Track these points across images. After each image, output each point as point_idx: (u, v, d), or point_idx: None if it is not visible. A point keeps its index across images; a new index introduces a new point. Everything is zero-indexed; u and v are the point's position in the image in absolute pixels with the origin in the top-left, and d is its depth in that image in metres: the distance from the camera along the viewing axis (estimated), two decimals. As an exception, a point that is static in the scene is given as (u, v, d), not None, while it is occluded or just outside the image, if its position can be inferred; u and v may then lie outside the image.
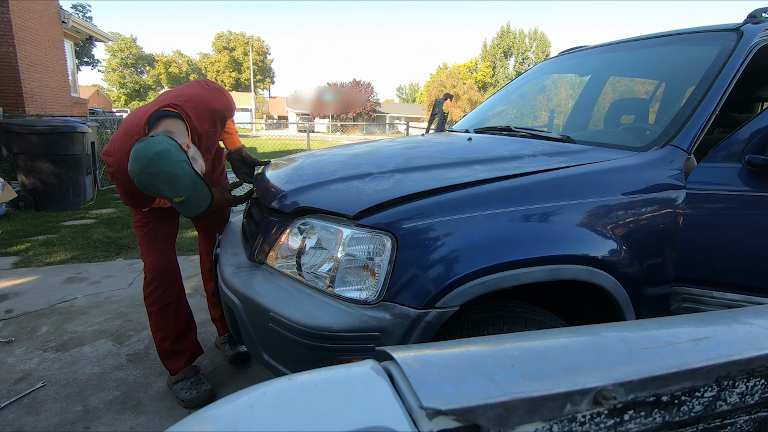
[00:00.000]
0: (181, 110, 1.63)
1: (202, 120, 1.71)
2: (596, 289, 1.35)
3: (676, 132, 1.46)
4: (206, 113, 1.73)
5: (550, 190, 1.29)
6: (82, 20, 11.15)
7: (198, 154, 1.61)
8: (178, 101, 1.64)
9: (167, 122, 1.58)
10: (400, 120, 42.92)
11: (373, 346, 1.14)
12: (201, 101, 1.71)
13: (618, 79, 2.43)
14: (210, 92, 1.77)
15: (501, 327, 1.22)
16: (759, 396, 0.53)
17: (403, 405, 0.41)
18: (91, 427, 1.74)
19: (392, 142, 2.10)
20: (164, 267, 1.87)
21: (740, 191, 1.41)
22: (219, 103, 1.78)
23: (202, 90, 1.76)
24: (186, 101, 1.66)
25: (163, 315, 1.88)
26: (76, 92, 11.58)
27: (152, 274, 1.85)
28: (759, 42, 1.57)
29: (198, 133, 1.72)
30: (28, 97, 7.98)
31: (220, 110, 1.80)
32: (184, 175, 1.43)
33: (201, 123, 1.71)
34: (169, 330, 1.89)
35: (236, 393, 0.45)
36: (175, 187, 1.42)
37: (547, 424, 0.43)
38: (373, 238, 1.19)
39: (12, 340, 2.34)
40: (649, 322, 0.60)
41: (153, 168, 1.37)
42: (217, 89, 1.81)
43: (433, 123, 4.01)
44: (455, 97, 36.44)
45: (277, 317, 1.21)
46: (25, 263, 3.51)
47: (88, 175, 5.86)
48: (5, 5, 7.45)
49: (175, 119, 1.61)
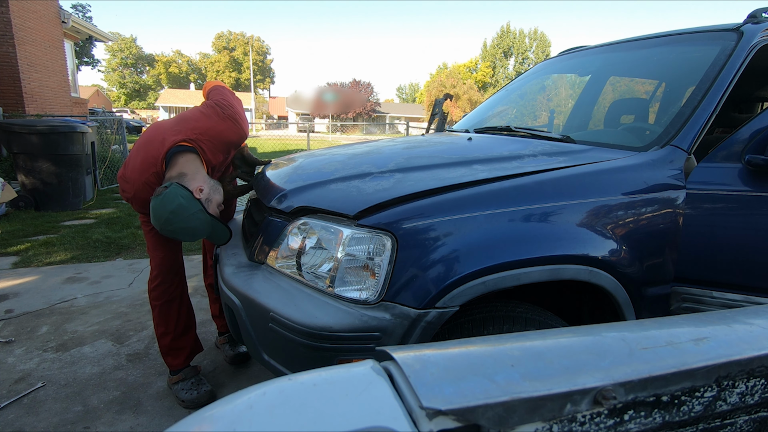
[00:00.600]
0: (197, 145, 1.68)
1: (216, 153, 1.76)
2: (596, 289, 1.35)
3: (676, 132, 1.46)
4: (221, 146, 1.77)
5: (550, 190, 1.29)
6: (82, 20, 11.15)
7: (213, 189, 1.67)
8: (194, 135, 1.68)
9: (183, 160, 1.63)
10: (400, 120, 42.93)
11: (373, 346, 1.14)
12: (216, 134, 1.74)
13: (618, 79, 2.43)
14: (225, 123, 1.76)
15: (501, 327, 1.22)
16: (759, 396, 0.53)
17: (403, 405, 0.41)
18: (91, 427, 1.74)
19: (392, 142, 2.10)
20: (171, 263, 1.90)
21: (740, 191, 1.41)
22: (234, 134, 1.80)
23: (218, 120, 1.75)
24: (201, 134, 1.70)
25: (167, 310, 1.90)
26: (76, 92, 11.57)
27: (158, 270, 1.88)
28: (759, 42, 1.57)
29: (212, 165, 1.77)
30: (28, 97, 7.98)
31: (235, 141, 1.83)
32: (200, 225, 1.56)
33: (215, 156, 1.76)
34: (170, 326, 1.91)
35: (236, 393, 0.45)
36: (195, 234, 1.58)
37: (547, 424, 0.43)
38: (373, 238, 1.19)
39: (12, 340, 2.34)
40: (649, 322, 0.60)
41: (171, 226, 1.52)
42: (232, 119, 1.79)
43: (433, 123, 4.01)
44: (455, 97, 36.45)
45: (277, 317, 1.21)
46: (25, 263, 3.51)
47: (88, 175, 5.86)
48: (5, 5, 7.45)
49: (190, 155, 1.66)
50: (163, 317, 1.90)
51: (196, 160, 1.67)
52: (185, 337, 1.96)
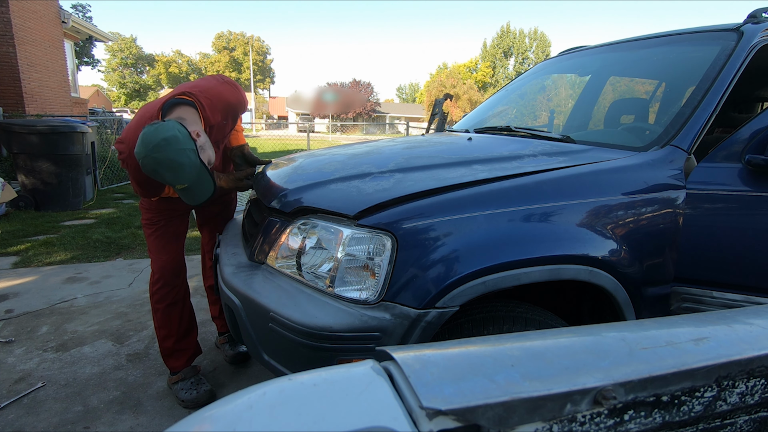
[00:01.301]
0: (196, 99, 1.66)
1: (215, 111, 1.73)
2: (596, 289, 1.35)
3: (676, 132, 1.46)
4: (220, 105, 1.75)
5: (550, 190, 1.29)
6: (82, 20, 11.15)
7: (208, 144, 1.61)
8: (193, 90, 1.67)
9: (181, 109, 1.60)
10: (400, 120, 42.92)
11: (373, 346, 1.13)
12: (215, 93, 1.73)
13: (618, 79, 2.43)
14: (224, 86, 1.79)
15: (501, 327, 1.22)
16: (759, 396, 0.53)
17: (403, 405, 0.41)
18: (91, 427, 1.74)
19: (392, 142, 2.10)
20: (174, 266, 1.89)
21: (740, 191, 1.41)
22: (233, 97, 1.81)
23: (217, 83, 1.78)
24: (201, 91, 1.69)
25: (169, 313, 1.90)
26: (76, 92, 11.58)
27: (161, 273, 1.87)
28: (759, 42, 1.57)
29: (210, 123, 1.73)
30: (28, 97, 7.98)
31: (234, 104, 1.82)
32: (189, 164, 1.43)
33: (214, 114, 1.73)
34: (173, 328, 1.91)
35: (236, 393, 0.45)
36: (179, 175, 1.43)
37: (547, 424, 0.43)
38: (373, 238, 1.19)
39: (12, 340, 2.34)
40: (649, 322, 0.60)
41: (158, 153, 1.37)
42: (232, 84, 1.84)
43: (433, 123, 4.01)
44: (455, 97, 36.44)
45: (277, 317, 1.21)
46: (25, 263, 3.51)
47: (88, 175, 5.86)
48: (5, 5, 7.45)
49: (189, 107, 1.62)
50: (166, 320, 1.89)
51: (195, 114, 1.63)
52: (187, 340, 1.96)
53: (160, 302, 1.88)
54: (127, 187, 7.12)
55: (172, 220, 1.89)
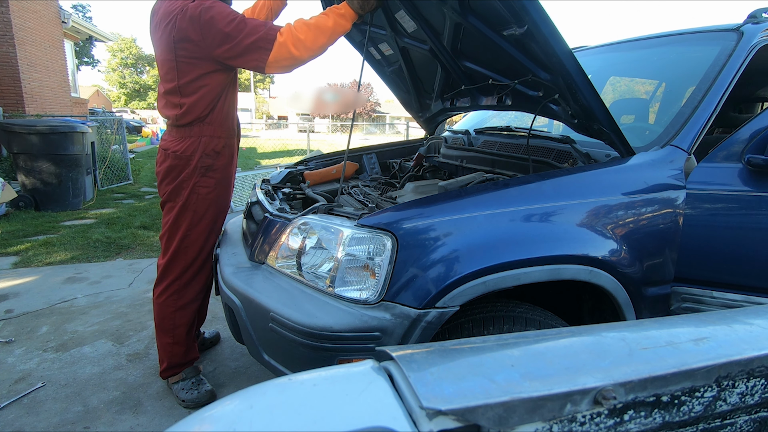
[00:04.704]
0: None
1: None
2: (596, 289, 1.35)
3: (676, 132, 1.46)
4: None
5: (550, 190, 1.29)
6: (82, 20, 11.15)
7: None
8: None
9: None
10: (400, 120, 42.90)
11: (373, 346, 1.13)
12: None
13: (618, 79, 2.43)
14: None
15: (501, 327, 1.22)
16: (759, 396, 0.53)
17: (403, 405, 0.41)
18: (91, 427, 1.74)
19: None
20: (197, 269, 1.85)
21: (740, 191, 1.41)
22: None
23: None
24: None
25: (173, 317, 1.87)
26: (76, 92, 11.57)
27: (174, 275, 1.83)
28: (759, 42, 1.57)
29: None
30: (28, 97, 7.98)
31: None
32: None
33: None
34: (178, 333, 1.89)
35: (236, 393, 0.45)
36: None
37: (547, 424, 0.43)
38: (374, 238, 1.19)
39: (12, 340, 2.34)
40: (649, 322, 0.60)
41: None
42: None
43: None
44: (455, 97, 36.32)
45: (277, 317, 1.21)
46: (25, 263, 3.51)
47: (88, 175, 5.86)
48: (5, 5, 7.45)
49: None
50: (170, 324, 1.87)
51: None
52: (189, 341, 1.95)
53: (168, 307, 1.83)
54: (127, 187, 7.11)
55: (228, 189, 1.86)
